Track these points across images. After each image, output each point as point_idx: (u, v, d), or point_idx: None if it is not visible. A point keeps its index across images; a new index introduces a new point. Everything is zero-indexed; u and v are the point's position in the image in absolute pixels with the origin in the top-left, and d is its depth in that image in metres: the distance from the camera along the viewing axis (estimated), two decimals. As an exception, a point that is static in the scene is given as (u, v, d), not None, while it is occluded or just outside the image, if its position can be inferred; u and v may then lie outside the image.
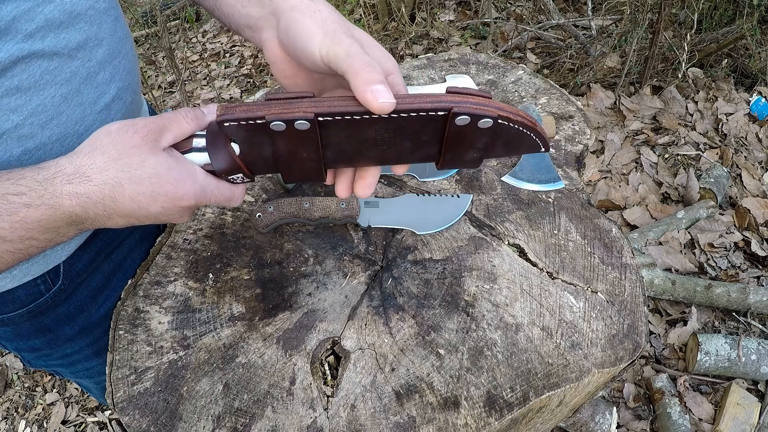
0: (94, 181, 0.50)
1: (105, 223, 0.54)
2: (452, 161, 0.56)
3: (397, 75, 0.51)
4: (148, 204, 0.52)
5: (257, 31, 0.59)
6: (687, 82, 2.49)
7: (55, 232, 0.52)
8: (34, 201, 0.49)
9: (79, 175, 0.50)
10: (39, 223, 0.50)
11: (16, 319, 0.74)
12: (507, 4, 3.17)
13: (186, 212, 0.56)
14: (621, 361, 0.71)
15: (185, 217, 0.57)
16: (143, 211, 0.53)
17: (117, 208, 0.52)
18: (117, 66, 0.67)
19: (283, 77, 0.58)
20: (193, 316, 0.75)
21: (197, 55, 3.52)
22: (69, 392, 1.92)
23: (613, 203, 2.11)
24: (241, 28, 0.61)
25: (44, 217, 0.50)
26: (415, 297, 0.76)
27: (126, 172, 0.51)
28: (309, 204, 0.81)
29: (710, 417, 1.55)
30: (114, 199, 0.51)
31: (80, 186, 0.50)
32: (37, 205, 0.49)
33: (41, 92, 0.58)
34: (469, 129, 0.50)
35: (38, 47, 0.56)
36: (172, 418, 0.66)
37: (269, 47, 0.57)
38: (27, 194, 0.49)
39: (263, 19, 0.57)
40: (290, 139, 0.50)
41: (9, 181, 0.49)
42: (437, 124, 0.50)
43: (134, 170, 0.51)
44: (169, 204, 0.53)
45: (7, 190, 0.49)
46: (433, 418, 0.65)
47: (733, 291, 1.70)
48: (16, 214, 0.49)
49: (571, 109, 1.07)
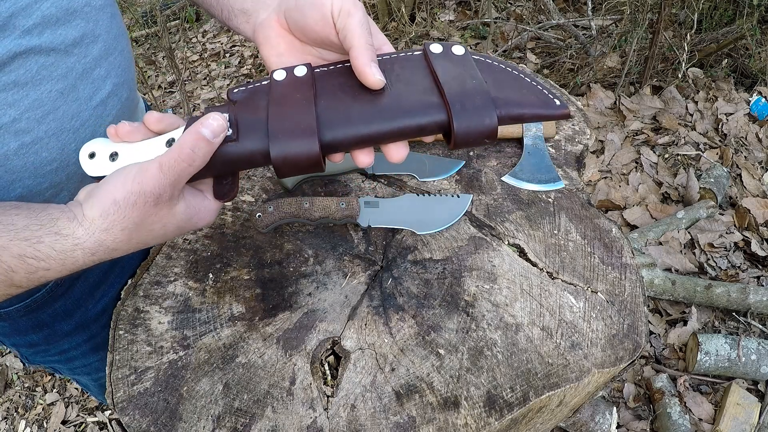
0: (119, 251, 0.53)
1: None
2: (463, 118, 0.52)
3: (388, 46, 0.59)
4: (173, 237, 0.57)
5: (252, 15, 0.60)
6: (687, 82, 2.49)
7: None
8: (53, 266, 0.51)
9: (103, 249, 0.52)
10: (56, 276, 0.53)
11: (13, 314, 0.74)
12: (507, 4, 3.17)
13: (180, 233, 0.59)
14: (621, 361, 0.71)
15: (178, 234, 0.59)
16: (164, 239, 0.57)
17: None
18: (113, 62, 0.67)
19: (275, 55, 0.59)
20: (193, 316, 0.75)
21: (197, 55, 3.52)
22: (69, 392, 1.92)
23: (613, 203, 2.11)
24: (235, 14, 0.62)
25: (62, 275, 0.53)
26: (415, 297, 0.76)
27: (150, 235, 0.53)
28: (309, 204, 0.81)
29: (710, 417, 1.55)
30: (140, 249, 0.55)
31: (104, 255, 0.52)
32: (56, 269, 0.51)
33: (38, 87, 0.58)
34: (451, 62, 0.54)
35: (35, 43, 0.57)
36: (172, 418, 0.66)
37: (265, 26, 0.59)
38: (46, 261, 0.50)
39: (262, 1, 0.59)
40: (288, 86, 0.53)
41: (26, 242, 0.49)
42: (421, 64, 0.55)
43: (158, 232, 0.54)
44: (177, 233, 0.56)
45: (24, 251, 0.49)
46: (433, 418, 0.65)
47: (733, 291, 1.70)
48: (35, 274, 0.51)
49: (571, 109, 1.07)
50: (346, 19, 0.52)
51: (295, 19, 0.56)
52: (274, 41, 0.58)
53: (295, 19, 0.56)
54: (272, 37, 0.58)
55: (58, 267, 0.51)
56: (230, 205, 0.89)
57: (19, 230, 0.49)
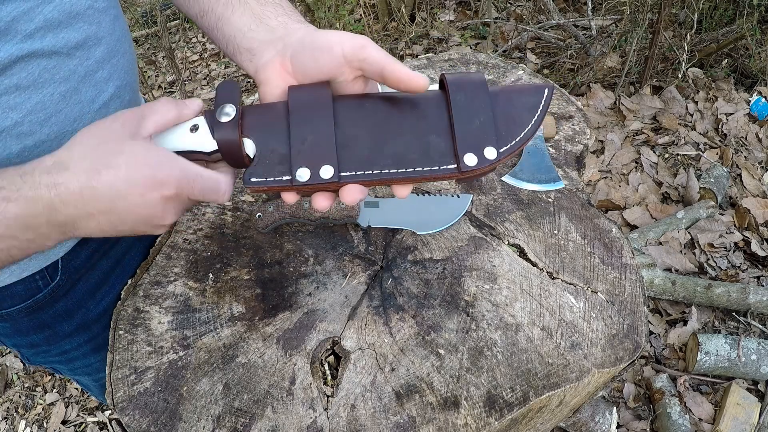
0: (71, 170, 0.49)
1: (87, 224, 0.52)
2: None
3: None
4: (126, 191, 0.50)
5: (256, 55, 0.60)
6: (687, 82, 2.49)
7: (34, 231, 0.50)
8: (12, 194, 0.48)
9: (57, 165, 0.49)
10: (18, 218, 0.48)
11: (14, 315, 0.74)
12: (507, 4, 3.18)
13: (169, 208, 0.53)
14: (621, 361, 0.71)
15: (168, 216, 0.54)
16: (123, 203, 0.51)
17: (96, 200, 0.50)
18: (115, 64, 0.67)
19: (275, 96, 0.59)
20: (193, 316, 0.75)
21: (197, 55, 3.52)
22: (69, 392, 1.92)
23: (613, 203, 2.11)
24: (240, 51, 0.63)
25: (23, 212, 0.48)
26: (415, 297, 0.76)
27: (103, 159, 0.49)
28: (309, 204, 0.81)
29: (710, 417, 1.55)
30: (93, 189, 0.49)
31: (58, 176, 0.48)
32: (15, 199, 0.48)
33: (40, 90, 0.58)
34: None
35: (37, 47, 0.56)
36: (172, 418, 0.66)
37: (267, 67, 0.59)
38: (6, 188, 0.48)
39: (268, 42, 0.60)
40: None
41: None
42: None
43: (111, 156, 0.49)
44: (150, 193, 0.51)
45: None
46: (433, 418, 0.65)
47: (733, 291, 1.70)
48: None
49: (571, 109, 1.07)
50: (363, 52, 0.54)
51: (302, 62, 0.57)
52: (275, 83, 0.58)
53: (301, 62, 0.57)
54: (273, 78, 0.58)
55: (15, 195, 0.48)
56: (230, 205, 0.89)
57: None
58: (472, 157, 0.54)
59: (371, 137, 0.55)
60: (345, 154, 0.54)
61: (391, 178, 0.55)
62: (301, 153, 0.54)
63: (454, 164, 0.54)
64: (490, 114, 0.54)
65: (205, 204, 0.89)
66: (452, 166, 0.54)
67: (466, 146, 0.54)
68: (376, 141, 0.55)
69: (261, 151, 0.55)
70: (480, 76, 0.57)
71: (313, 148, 0.54)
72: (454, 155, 0.54)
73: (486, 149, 0.54)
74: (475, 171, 0.54)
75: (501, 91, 0.57)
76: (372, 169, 0.54)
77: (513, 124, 0.55)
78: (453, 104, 0.55)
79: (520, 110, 0.56)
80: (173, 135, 0.55)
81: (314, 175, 0.53)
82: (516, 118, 0.55)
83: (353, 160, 0.54)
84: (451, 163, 0.54)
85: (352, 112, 0.56)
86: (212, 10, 0.65)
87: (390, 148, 0.55)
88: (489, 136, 0.54)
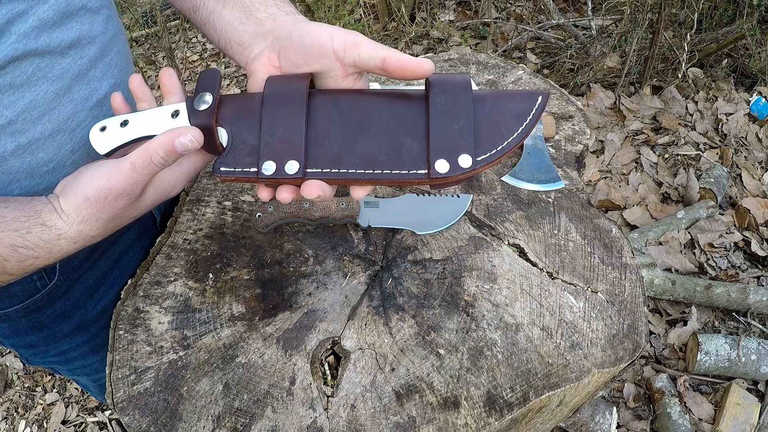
0: (99, 237, 0.58)
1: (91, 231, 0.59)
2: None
3: None
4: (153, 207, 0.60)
5: (247, 48, 0.61)
6: (687, 82, 2.49)
7: None
8: (41, 255, 0.56)
9: (84, 237, 0.57)
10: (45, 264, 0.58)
11: (12, 315, 0.74)
12: (507, 4, 3.17)
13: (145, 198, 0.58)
14: (621, 361, 0.71)
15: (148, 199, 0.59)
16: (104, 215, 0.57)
17: None
18: (109, 63, 0.67)
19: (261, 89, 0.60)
20: (193, 316, 0.75)
21: (197, 55, 3.52)
22: (69, 392, 1.92)
23: (613, 203, 2.11)
24: (231, 44, 0.63)
25: (50, 263, 0.58)
26: (415, 297, 0.76)
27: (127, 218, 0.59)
28: (309, 204, 0.81)
29: (710, 417, 1.55)
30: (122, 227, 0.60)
31: (85, 242, 0.58)
32: (44, 257, 0.56)
33: (33, 89, 0.59)
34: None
35: (32, 47, 0.57)
36: (172, 418, 0.66)
37: (259, 59, 0.59)
38: (34, 249, 0.55)
39: (259, 35, 0.60)
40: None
41: (16, 233, 0.54)
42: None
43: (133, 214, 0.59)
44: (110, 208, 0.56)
45: (15, 241, 0.54)
46: (433, 418, 0.65)
47: (733, 291, 1.70)
48: (25, 261, 0.56)
49: (571, 109, 1.07)
50: (357, 48, 0.54)
51: (291, 56, 0.57)
52: (262, 76, 0.58)
53: (290, 56, 0.57)
54: (261, 71, 0.59)
55: (45, 255, 0.56)
56: (230, 205, 0.89)
57: (9, 222, 0.53)
58: (444, 164, 0.50)
59: (344, 134, 0.53)
60: (314, 150, 0.53)
61: (357, 178, 0.52)
62: (269, 146, 0.53)
63: (425, 170, 0.51)
64: (471, 119, 0.51)
65: (205, 204, 0.89)
66: (422, 171, 0.51)
67: (438, 152, 0.51)
68: (347, 139, 0.53)
69: (233, 141, 0.54)
70: (465, 77, 0.54)
71: (282, 142, 0.52)
72: (426, 160, 0.51)
73: (461, 156, 0.50)
74: (446, 179, 0.51)
75: (489, 96, 0.53)
76: (339, 168, 0.52)
77: (496, 132, 0.52)
78: (431, 106, 0.52)
79: (507, 117, 0.52)
80: (154, 119, 0.56)
81: (279, 169, 0.52)
82: (501, 125, 0.52)
83: (321, 157, 0.52)
84: (421, 168, 0.51)
85: (328, 107, 0.54)
86: (204, 5, 0.66)
87: (361, 147, 0.52)
88: (466, 143, 0.51)
